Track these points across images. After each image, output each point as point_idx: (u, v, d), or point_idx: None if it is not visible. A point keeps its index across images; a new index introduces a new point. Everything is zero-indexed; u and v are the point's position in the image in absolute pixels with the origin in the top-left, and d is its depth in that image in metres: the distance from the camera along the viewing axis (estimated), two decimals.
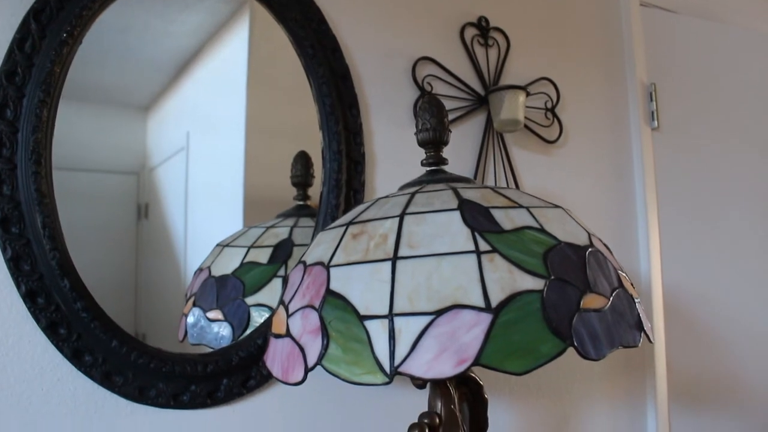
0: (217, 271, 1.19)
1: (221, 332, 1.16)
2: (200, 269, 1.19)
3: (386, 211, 0.87)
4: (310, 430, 1.21)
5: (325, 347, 0.78)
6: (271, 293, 1.19)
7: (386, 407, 1.29)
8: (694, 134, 1.96)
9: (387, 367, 0.73)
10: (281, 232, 1.25)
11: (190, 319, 1.16)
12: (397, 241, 0.81)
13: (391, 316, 0.75)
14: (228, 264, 1.20)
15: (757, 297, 1.98)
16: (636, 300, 0.88)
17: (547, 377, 1.54)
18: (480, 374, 1.04)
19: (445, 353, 0.72)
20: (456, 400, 1.01)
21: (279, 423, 1.18)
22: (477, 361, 0.71)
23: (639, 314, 0.86)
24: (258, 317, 1.18)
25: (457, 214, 0.83)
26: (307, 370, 0.79)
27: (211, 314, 1.17)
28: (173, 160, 1.15)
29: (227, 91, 1.25)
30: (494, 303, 0.74)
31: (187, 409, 1.09)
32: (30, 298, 0.97)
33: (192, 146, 1.17)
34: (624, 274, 0.89)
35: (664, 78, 1.92)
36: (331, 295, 0.80)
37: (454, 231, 0.80)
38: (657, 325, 1.78)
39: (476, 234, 0.80)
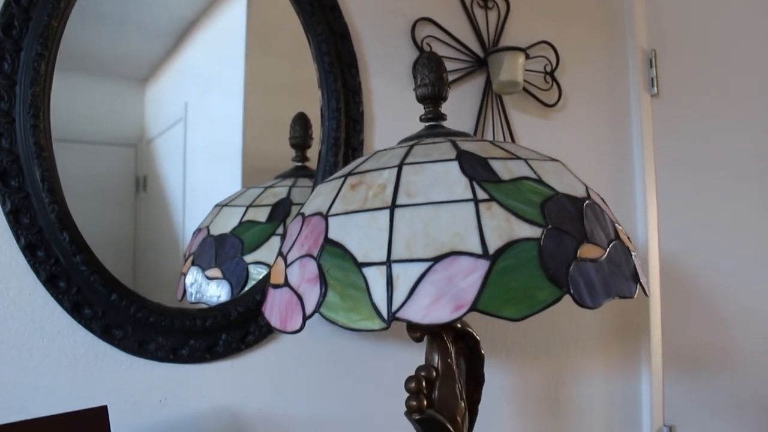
0: (216, 230, 1.19)
1: (220, 290, 1.17)
2: (199, 229, 1.19)
3: (384, 162, 0.87)
4: (307, 386, 1.22)
5: (323, 295, 0.78)
6: (269, 251, 1.19)
7: (384, 362, 1.30)
8: (694, 102, 1.95)
9: (384, 313, 0.74)
10: (280, 192, 1.26)
11: (189, 278, 1.17)
12: (395, 190, 0.81)
13: (388, 263, 0.75)
14: (226, 223, 1.21)
15: (755, 265, 1.99)
16: (633, 253, 0.88)
17: (543, 339, 1.55)
18: (476, 332, 1.05)
19: (442, 299, 0.72)
20: (453, 355, 1.02)
21: (276, 378, 1.19)
22: (474, 307, 0.71)
23: (635, 266, 0.87)
24: (256, 275, 1.18)
25: (455, 165, 0.83)
26: (305, 318, 0.80)
27: (210, 272, 1.17)
28: (171, 131, 1.15)
29: (226, 56, 1.24)
30: (492, 250, 0.74)
31: (185, 363, 1.10)
32: (30, 251, 0.97)
33: (190, 117, 1.17)
34: (621, 228, 0.90)
35: (665, 44, 1.91)
36: (329, 243, 0.80)
37: (452, 180, 0.80)
38: (653, 291, 1.79)
39: (474, 183, 0.80)
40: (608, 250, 0.82)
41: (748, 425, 1.91)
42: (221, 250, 1.19)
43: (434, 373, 0.98)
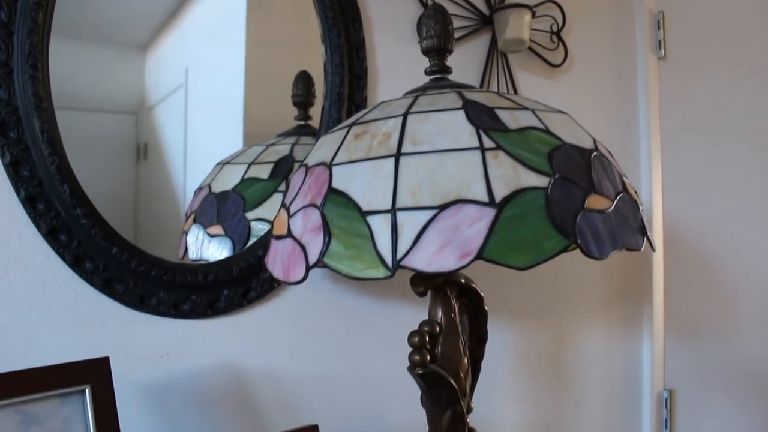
0: (218, 187, 1.19)
1: (221, 247, 1.16)
2: (200, 187, 1.18)
3: (389, 112, 0.86)
4: (310, 343, 1.22)
5: (326, 244, 0.77)
6: (271, 208, 1.18)
7: (387, 319, 1.30)
8: (702, 65, 1.93)
9: (389, 261, 0.73)
10: (282, 149, 1.25)
11: (190, 236, 1.16)
12: (400, 138, 0.80)
13: (393, 210, 0.74)
14: (228, 180, 1.20)
15: (759, 232, 1.98)
16: (640, 206, 0.87)
17: (546, 300, 1.55)
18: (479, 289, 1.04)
19: (448, 247, 0.71)
20: (456, 310, 1.01)
21: (279, 334, 1.18)
22: (480, 255, 0.71)
23: (642, 219, 0.86)
24: (258, 231, 1.18)
25: (461, 113, 0.81)
26: (308, 268, 0.79)
27: (212, 230, 1.16)
28: (172, 97, 1.13)
29: (228, 15, 1.22)
30: (498, 198, 0.73)
31: (187, 318, 1.09)
32: (30, 203, 0.96)
33: (191, 83, 1.15)
34: (628, 181, 0.89)
35: (673, 6, 1.88)
36: (333, 192, 0.79)
37: (458, 129, 0.79)
38: (657, 255, 1.78)
39: (481, 131, 0.79)
40: (616, 201, 0.81)
41: (748, 391, 1.91)
42: (223, 207, 1.18)
43: (437, 329, 0.98)
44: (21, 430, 0.80)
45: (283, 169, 1.22)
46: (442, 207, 0.73)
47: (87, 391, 0.85)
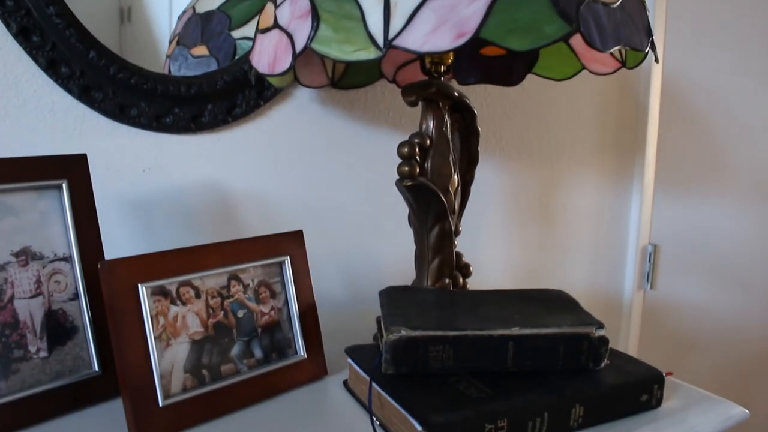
0: (202, 8, 1.12)
1: (206, 68, 1.11)
2: (184, 12, 1.12)
3: None
4: (297, 166, 1.19)
5: (314, 29, 0.73)
6: None
7: (375, 146, 1.27)
8: None
9: (380, 41, 0.69)
10: None
11: (174, 60, 1.11)
12: None
13: None
14: (213, 0, 1.13)
15: (758, 97, 1.94)
16: (647, 10, 0.83)
17: (539, 144, 1.52)
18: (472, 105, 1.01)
19: (443, 26, 0.67)
20: (448, 126, 0.98)
21: (264, 154, 1.15)
22: (477, 34, 0.66)
23: (648, 22, 0.81)
24: (245, 51, 1.12)
25: None
26: (294, 57, 0.75)
27: (196, 50, 1.11)
28: None
29: None
30: None
31: (170, 132, 1.05)
32: None
33: None
34: None
35: None
36: None
37: None
38: (652, 107, 1.75)
39: None
40: None
41: (728, 255, 1.94)
42: (207, 27, 1.12)
43: (428, 141, 0.95)
44: None
45: None
46: None
47: (64, 186, 0.82)
